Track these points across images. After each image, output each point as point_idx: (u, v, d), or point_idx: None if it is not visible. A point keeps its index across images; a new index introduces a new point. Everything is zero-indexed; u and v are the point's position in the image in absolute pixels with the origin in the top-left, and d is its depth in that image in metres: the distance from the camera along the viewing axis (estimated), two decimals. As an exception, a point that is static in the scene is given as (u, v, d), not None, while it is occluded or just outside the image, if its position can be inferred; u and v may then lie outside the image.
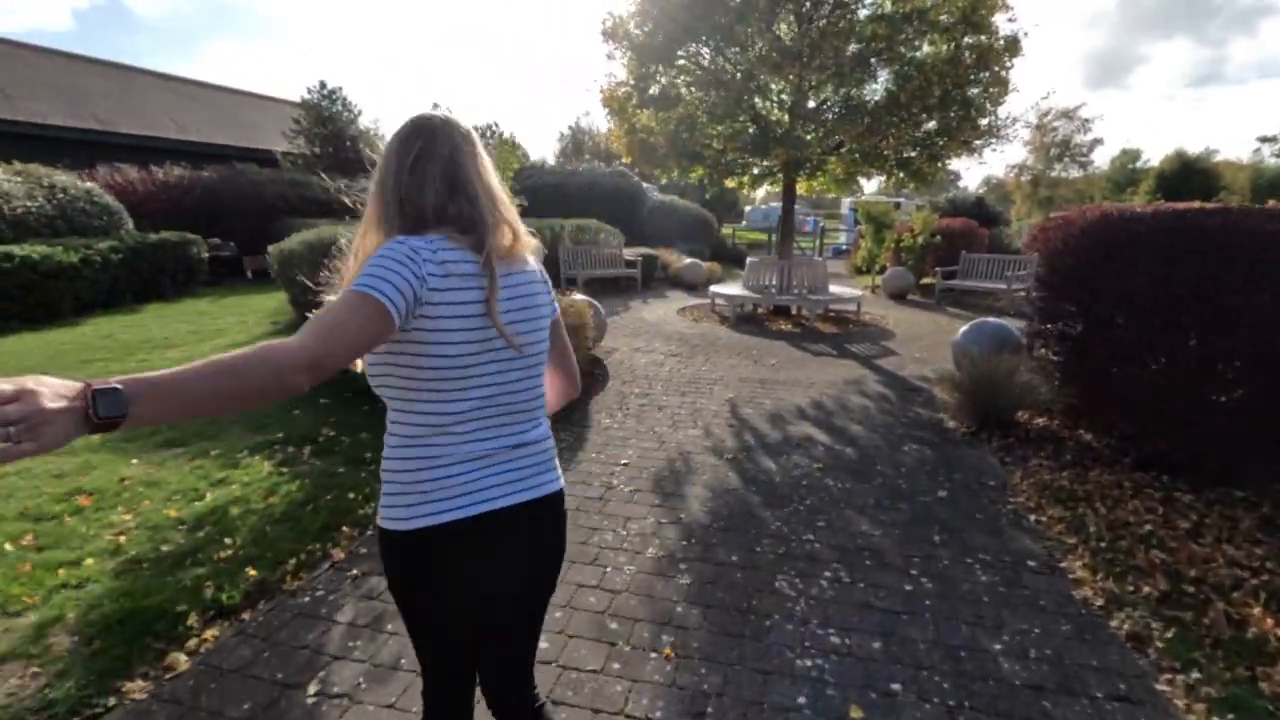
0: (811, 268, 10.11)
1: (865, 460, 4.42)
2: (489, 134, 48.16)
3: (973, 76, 7.93)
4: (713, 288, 10.56)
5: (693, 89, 8.44)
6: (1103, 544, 3.24)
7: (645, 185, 22.63)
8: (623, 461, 4.34)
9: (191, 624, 2.51)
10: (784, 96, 8.75)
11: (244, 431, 4.51)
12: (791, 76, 8.08)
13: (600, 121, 41.72)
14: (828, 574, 3.03)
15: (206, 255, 11.64)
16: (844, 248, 24.72)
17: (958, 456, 4.51)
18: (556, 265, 12.64)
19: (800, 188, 10.51)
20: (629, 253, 13.88)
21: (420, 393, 1.21)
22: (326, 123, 18.21)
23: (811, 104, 8.82)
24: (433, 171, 1.23)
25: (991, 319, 6.34)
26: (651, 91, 8.49)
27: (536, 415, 1.36)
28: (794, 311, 10.20)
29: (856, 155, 8.33)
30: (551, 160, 34.64)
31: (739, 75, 7.96)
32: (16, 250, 8.02)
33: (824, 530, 3.45)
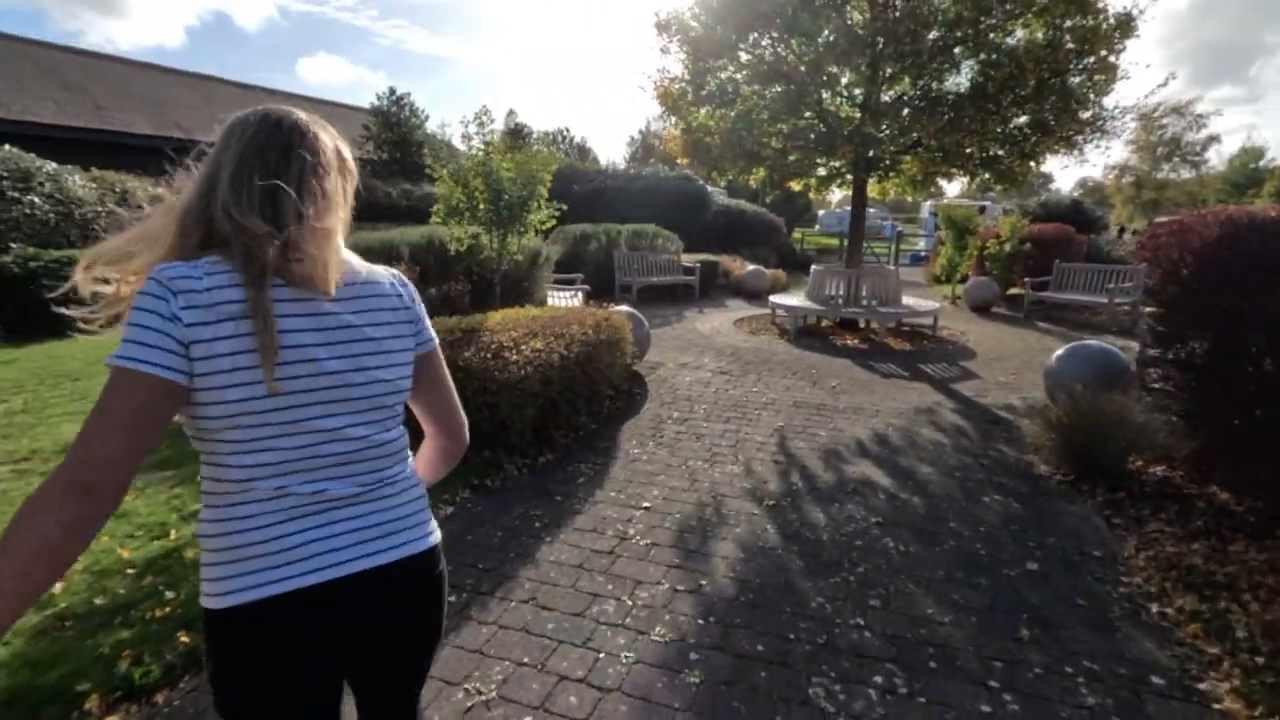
0: (882, 277, 9.24)
1: (935, 514, 3.69)
2: (559, 140, 48.68)
3: (1074, 63, 6.95)
4: (773, 298, 9.84)
5: (753, 84, 7.78)
6: (1259, 658, 2.44)
7: (710, 189, 22.01)
8: (645, 504, 3.76)
9: (90, 708, 2.11)
10: (855, 90, 7.97)
11: (242, 453, 4.19)
12: (863, 67, 7.32)
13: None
14: (879, 679, 2.37)
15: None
16: (923, 254, 23.27)
17: (1052, 514, 3.71)
18: (611, 272, 12.21)
19: (872, 190, 9.67)
20: (688, 259, 13.31)
21: (220, 442, 1.00)
22: (394, 128, 18.48)
23: (887, 97, 8.01)
24: (198, 178, 1.06)
25: (1092, 341, 5.42)
26: (708, 88, 7.88)
27: (386, 464, 1.14)
28: (862, 325, 9.36)
29: (935, 154, 7.46)
30: (622, 165, 34.51)
31: (803, 67, 7.26)
32: (77, 254, 8.18)
33: (877, 612, 2.77)
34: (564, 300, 8.68)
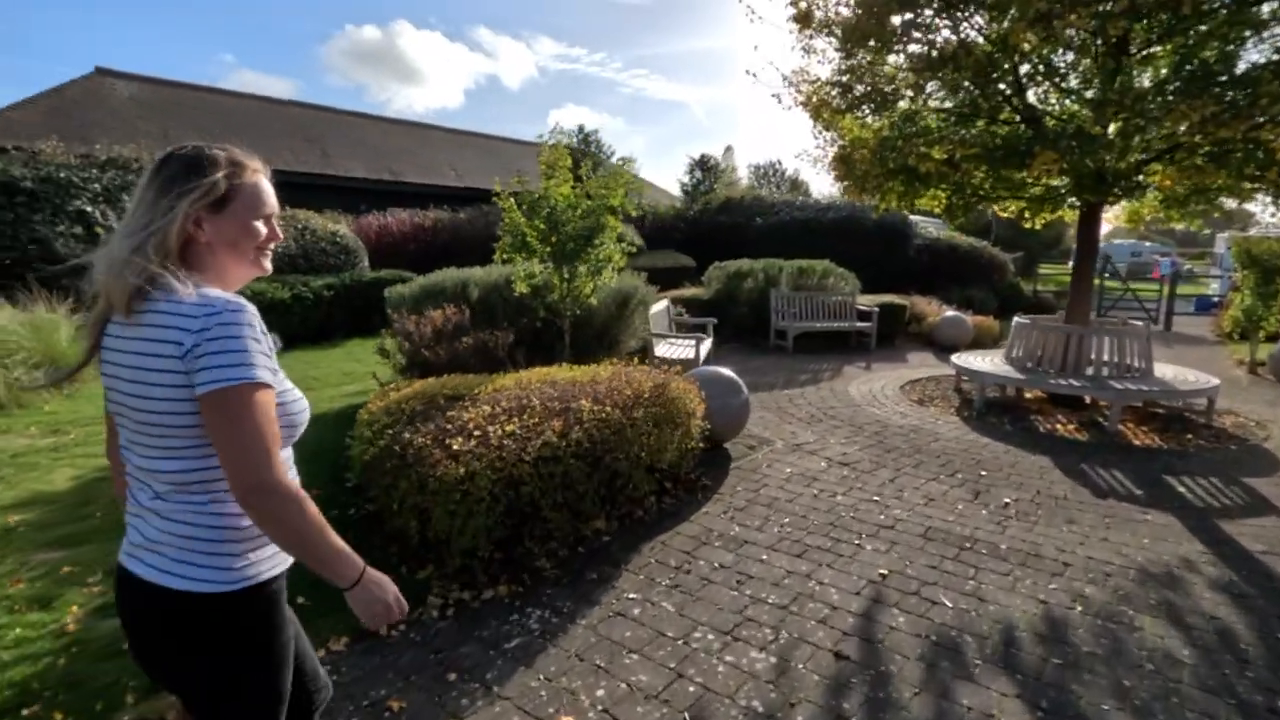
0: (1124, 335, 6.57)
1: None
2: (771, 173, 47.30)
3: None
4: (956, 357, 7.53)
5: (920, 79, 5.83)
6: None
7: (916, 219, 19.31)
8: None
9: None
10: (1076, 74, 5.66)
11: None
12: (1089, 37, 5.09)
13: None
14: None
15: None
16: (1215, 300, 17.96)
17: None
18: (767, 315, 10.62)
19: (1114, 216, 7.04)
20: (867, 300, 11.21)
21: None
22: (579, 164, 18.68)
23: (1141, 81, 5.57)
24: None
25: None
26: (858, 90, 6.11)
27: (158, 489, 1.21)
28: (1087, 403, 6.74)
29: (1204, 158, 4.88)
30: (836, 196, 32.14)
31: (990, 46, 5.23)
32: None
33: None
34: (678, 352, 7.36)
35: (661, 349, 7.33)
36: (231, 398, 1.10)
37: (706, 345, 7.83)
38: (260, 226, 1.27)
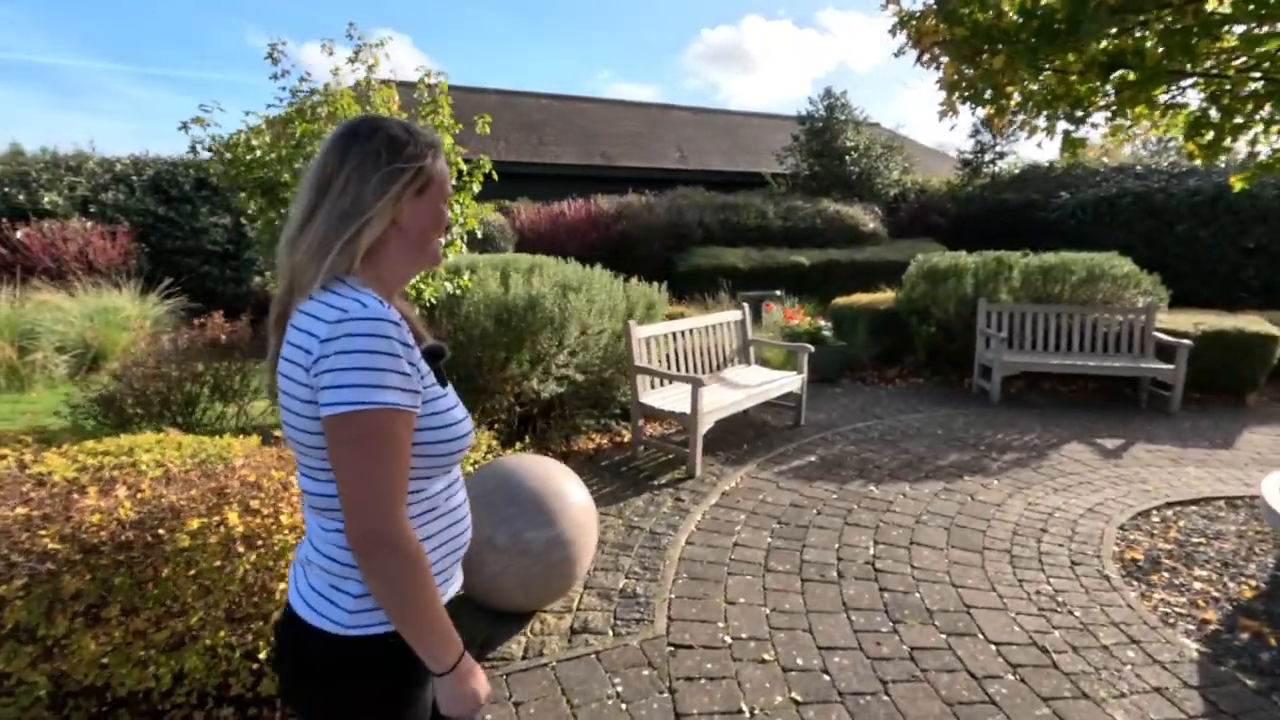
0: None
1: None
2: (1156, 141, 35.86)
3: None
4: (1270, 485, 3.26)
5: None
6: None
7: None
8: None
9: None
10: None
11: None
12: None
13: None
14: None
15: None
16: None
17: None
18: (974, 337, 6.74)
19: None
20: (1184, 321, 6.43)
21: None
22: (821, 134, 15.34)
23: None
24: None
25: None
26: None
27: (310, 510, 1.02)
28: None
29: None
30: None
31: None
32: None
33: None
34: (673, 402, 4.56)
35: (655, 396, 4.63)
36: (352, 424, 0.87)
37: (765, 389, 4.83)
38: (447, 211, 1.06)
